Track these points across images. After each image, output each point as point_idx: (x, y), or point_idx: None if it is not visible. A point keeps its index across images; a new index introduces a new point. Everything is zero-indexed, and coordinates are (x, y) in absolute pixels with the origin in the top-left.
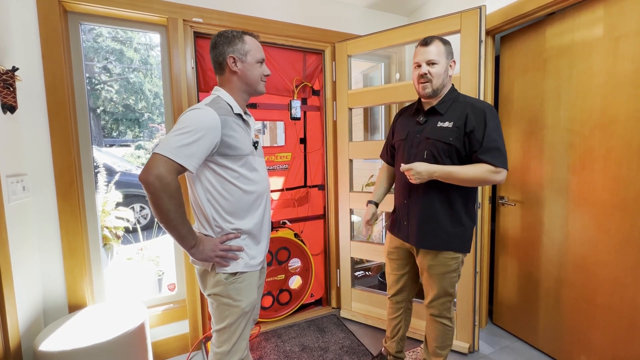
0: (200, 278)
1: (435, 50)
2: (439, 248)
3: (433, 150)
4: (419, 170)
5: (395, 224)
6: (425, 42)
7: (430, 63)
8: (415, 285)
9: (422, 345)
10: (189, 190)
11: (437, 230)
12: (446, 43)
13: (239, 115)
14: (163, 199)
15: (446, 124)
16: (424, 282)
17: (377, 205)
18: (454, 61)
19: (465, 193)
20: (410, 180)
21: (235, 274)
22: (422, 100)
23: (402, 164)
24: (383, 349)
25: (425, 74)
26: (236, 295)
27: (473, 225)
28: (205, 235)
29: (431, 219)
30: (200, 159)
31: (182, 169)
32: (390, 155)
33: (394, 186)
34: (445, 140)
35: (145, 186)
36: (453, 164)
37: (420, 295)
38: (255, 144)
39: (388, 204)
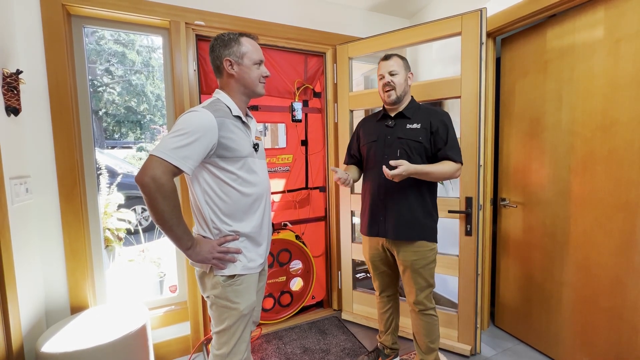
0: (199, 280)
1: (394, 64)
2: (414, 238)
3: (405, 148)
4: (407, 167)
5: (369, 222)
6: (386, 57)
7: (392, 74)
8: (397, 279)
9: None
10: (189, 191)
11: (413, 222)
12: (403, 59)
13: (239, 117)
14: (158, 200)
15: (415, 126)
16: (405, 280)
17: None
18: (412, 73)
19: (432, 188)
20: (390, 178)
21: (233, 276)
22: (387, 107)
23: (391, 161)
24: (378, 343)
25: (389, 82)
26: (234, 297)
27: (437, 216)
28: (204, 237)
29: (408, 212)
30: (196, 161)
31: (177, 171)
32: (355, 160)
33: (362, 189)
34: (416, 139)
35: (141, 187)
36: (422, 161)
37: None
38: (255, 146)
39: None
